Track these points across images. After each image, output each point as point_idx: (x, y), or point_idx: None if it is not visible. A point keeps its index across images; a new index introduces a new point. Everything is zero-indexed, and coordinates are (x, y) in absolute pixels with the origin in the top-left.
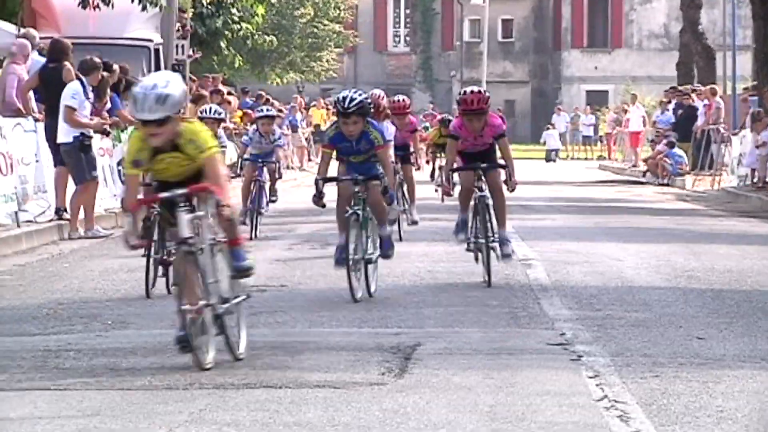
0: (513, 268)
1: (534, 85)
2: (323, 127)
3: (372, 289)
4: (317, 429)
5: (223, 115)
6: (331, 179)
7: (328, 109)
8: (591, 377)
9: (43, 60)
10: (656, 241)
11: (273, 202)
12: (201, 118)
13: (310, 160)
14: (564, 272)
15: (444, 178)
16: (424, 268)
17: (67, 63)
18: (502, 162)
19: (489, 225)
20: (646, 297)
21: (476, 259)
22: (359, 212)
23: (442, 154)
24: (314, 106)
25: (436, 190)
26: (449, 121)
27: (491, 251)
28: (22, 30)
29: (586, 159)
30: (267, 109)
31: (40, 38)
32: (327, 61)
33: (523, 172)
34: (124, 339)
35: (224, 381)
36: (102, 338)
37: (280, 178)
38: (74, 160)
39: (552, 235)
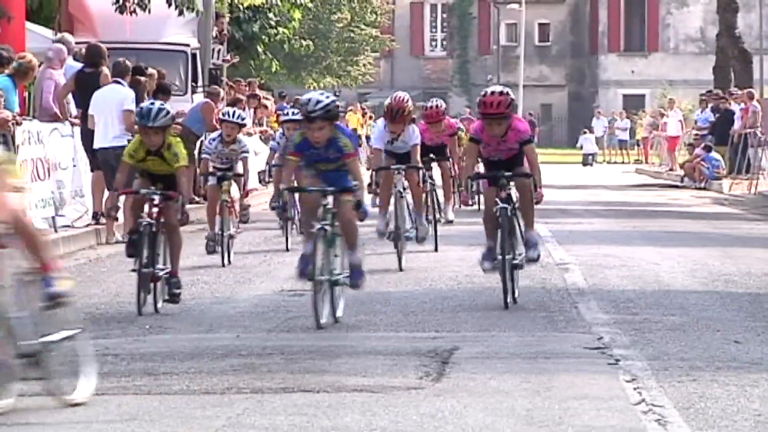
0: (550, 272)
1: (571, 89)
2: (360, 132)
3: (338, 314)
4: None
5: (245, 121)
6: (297, 189)
7: (364, 114)
8: (628, 381)
9: (79, 65)
10: (693, 245)
11: None
12: (222, 120)
13: None
14: (601, 276)
15: (463, 185)
16: (461, 272)
17: (104, 68)
18: (527, 171)
19: (513, 241)
20: (683, 301)
21: (502, 279)
22: (327, 228)
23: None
24: (351, 110)
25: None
26: None
27: (516, 270)
28: (59, 35)
29: (623, 163)
30: (294, 113)
31: (77, 43)
32: (364, 65)
33: (560, 176)
34: (162, 343)
35: (262, 385)
36: (140, 343)
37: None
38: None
39: (589, 239)
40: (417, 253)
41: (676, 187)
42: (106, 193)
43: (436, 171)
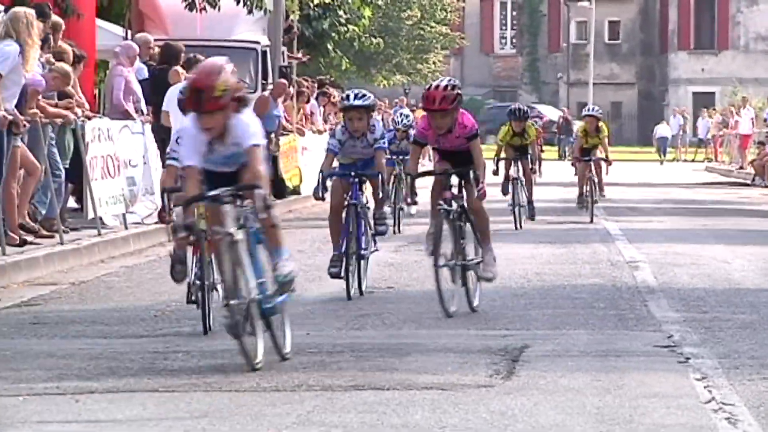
0: (620, 270)
1: (640, 86)
2: None
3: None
4: (425, 431)
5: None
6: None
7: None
8: (698, 379)
9: (143, 66)
10: (764, 243)
11: (381, 234)
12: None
13: None
14: (671, 274)
15: (407, 187)
16: (531, 269)
17: (177, 67)
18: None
19: (464, 243)
20: (754, 299)
21: (453, 281)
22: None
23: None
24: (420, 108)
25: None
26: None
27: (468, 273)
28: (137, 34)
29: (693, 161)
30: (356, 95)
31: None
32: (433, 63)
33: (630, 174)
34: (232, 341)
35: (332, 383)
36: (210, 340)
37: (386, 199)
38: None
39: (659, 237)
40: None
41: (747, 185)
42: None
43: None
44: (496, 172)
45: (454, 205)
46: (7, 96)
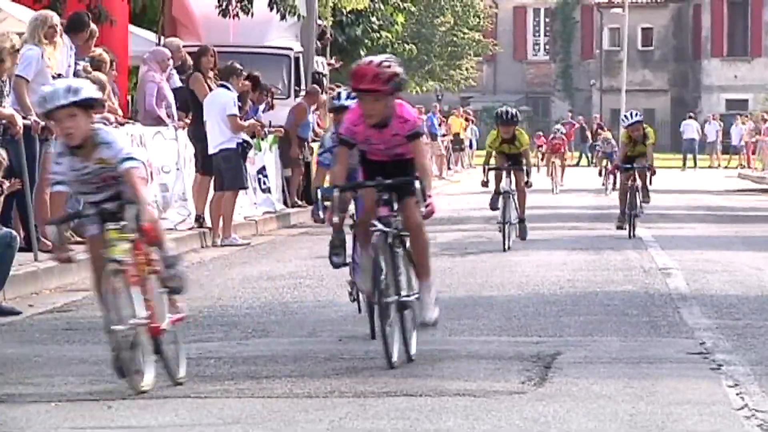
0: (653, 277)
1: (673, 93)
2: (462, 136)
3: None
4: None
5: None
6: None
7: (467, 119)
8: (731, 386)
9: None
10: None
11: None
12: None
13: (449, 168)
14: (703, 281)
15: (332, 203)
16: (564, 276)
17: (197, 73)
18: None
19: (401, 277)
20: None
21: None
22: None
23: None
24: (453, 114)
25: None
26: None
27: (405, 311)
28: (167, 39)
29: (726, 168)
30: (349, 94)
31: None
32: (466, 69)
33: (663, 181)
34: (264, 347)
35: (365, 389)
36: (242, 346)
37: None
38: (234, 165)
39: (691, 243)
40: (520, 258)
41: None
42: (211, 193)
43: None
44: (485, 184)
45: (392, 227)
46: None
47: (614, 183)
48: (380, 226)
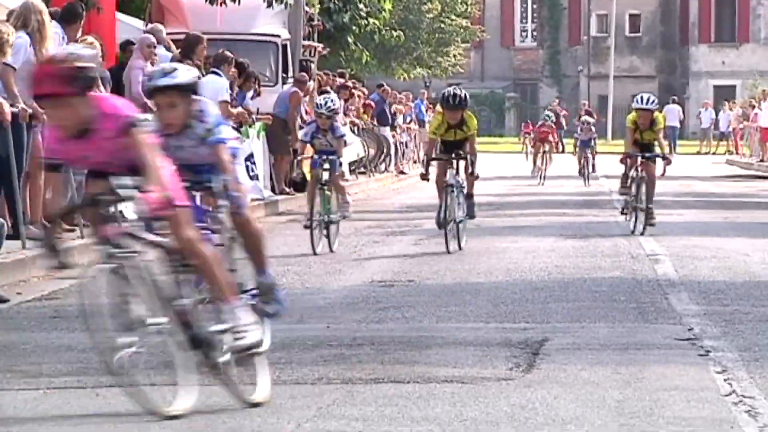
0: (641, 263)
1: (661, 80)
2: None
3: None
4: (445, 424)
5: (336, 109)
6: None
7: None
8: (719, 372)
9: (169, 54)
10: None
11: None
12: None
13: None
14: (692, 267)
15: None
16: (552, 263)
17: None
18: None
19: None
20: None
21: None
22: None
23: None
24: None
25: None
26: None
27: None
28: (149, 25)
29: (714, 154)
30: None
31: (168, 33)
32: (454, 56)
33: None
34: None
35: (352, 376)
36: None
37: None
38: None
39: (679, 230)
40: (508, 245)
41: (767, 178)
42: None
43: None
44: (425, 176)
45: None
46: (24, 88)
47: (624, 171)
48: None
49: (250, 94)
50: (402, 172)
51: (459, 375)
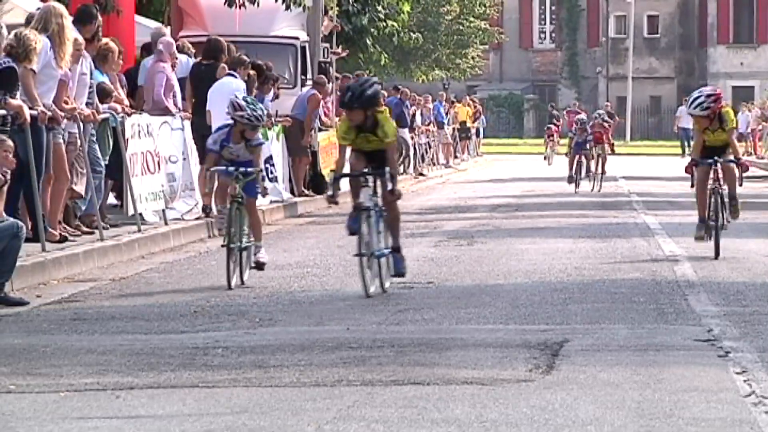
0: (660, 265)
1: (680, 81)
2: (469, 124)
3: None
4: (465, 425)
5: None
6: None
7: (474, 107)
8: (738, 373)
9: (185, 57)
10: None
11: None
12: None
13: (455, 157)
14: (710, 268)
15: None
16: (571, 264)
17: (222, 63)
18: None
19: None
20: None
21: None
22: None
23: None
24: (460, 103)
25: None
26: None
27: None
28: (154, 28)
29: None
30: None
31: (185, 36)
32: (472, 58)
33: (669, 168)
34: (272, 336)
35: (372, 378)
36: (249, 335)
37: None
38: None
39: None
40: (527, 246)
41: None
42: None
43: None
44: (332, 199)
45: None
46: (44, 91)
47: (691, 182)
48: None
49: (269, 96)
50: (421, 174)
51: (478, 377)
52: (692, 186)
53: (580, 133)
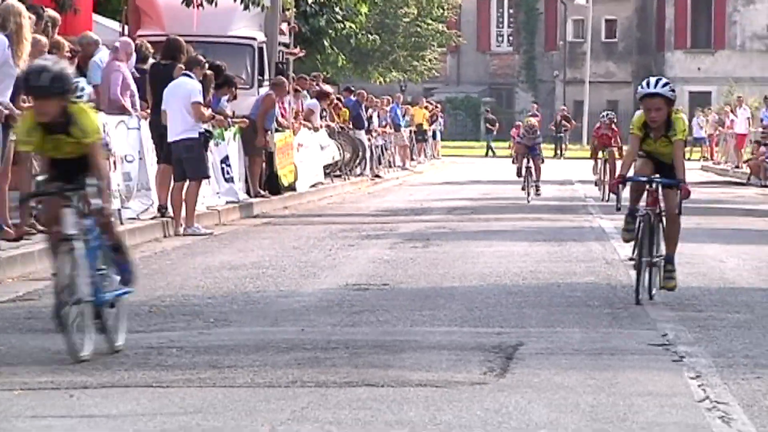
0: (615, 269)
1: (637, 85)
2: (425, 127)
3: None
4: (419, 428)
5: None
6: None
7: (431, 110)
8: (692, 378)
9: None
10: (758, 242)
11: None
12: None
13: (412, 159)
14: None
15: None
16: (526, 267)
17: (180, 64)
18: None
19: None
20: (748, 298)
21: None
22: None
23: None
24: (417, 105)
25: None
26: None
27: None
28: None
29: (688, 160)
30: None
31: (142, 35)
32: (430, 60)
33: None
34: (226, 336)
35: (326, 379)
36: (204, 336)
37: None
38: (196, 155)
39: None
40: (482, 249)
41: (742, 184)
42: (172, 184)
43: None
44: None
45: None
46: (1, 89)
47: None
48: None
49: (225, 96)
50: (377, 176)
51: (433, 379)
52: (617, 210)
53: (529, 138)
